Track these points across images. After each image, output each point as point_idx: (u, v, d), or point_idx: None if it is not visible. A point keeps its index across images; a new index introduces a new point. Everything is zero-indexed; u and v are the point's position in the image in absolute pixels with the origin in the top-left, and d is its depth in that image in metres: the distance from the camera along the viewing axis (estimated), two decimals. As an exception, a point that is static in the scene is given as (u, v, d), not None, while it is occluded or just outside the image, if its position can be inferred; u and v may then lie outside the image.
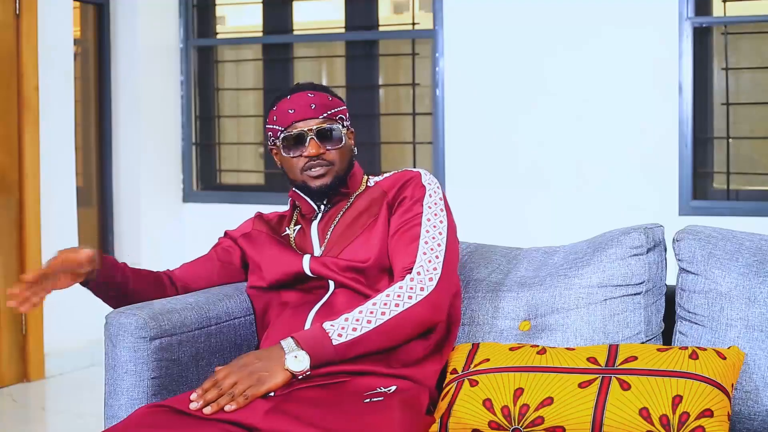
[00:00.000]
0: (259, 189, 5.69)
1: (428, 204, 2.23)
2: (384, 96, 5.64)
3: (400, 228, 2.22)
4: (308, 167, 2.26)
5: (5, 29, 4.55)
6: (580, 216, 4.70)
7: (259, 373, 1.99)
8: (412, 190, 2.26)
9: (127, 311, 2.18)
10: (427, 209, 2.22)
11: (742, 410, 2.10)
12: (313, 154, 2.24)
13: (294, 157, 2.27)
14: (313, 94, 2.28)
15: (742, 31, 4.69)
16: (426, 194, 2.24)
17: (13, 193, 4.62)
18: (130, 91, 5.38)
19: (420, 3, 5.43)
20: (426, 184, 2.26)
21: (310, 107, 2.26)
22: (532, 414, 1.99)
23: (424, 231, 2.19)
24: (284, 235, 2.35)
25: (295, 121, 2.26)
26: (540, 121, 4.83)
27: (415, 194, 2.25)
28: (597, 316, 2.27)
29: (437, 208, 2.23)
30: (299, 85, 2.34)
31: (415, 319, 2.11)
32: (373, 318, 2.07)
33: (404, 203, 2.25)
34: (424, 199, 2.23)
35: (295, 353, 2.01)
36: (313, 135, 2.25)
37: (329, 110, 2.27)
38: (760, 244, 2.23)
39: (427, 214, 2.21)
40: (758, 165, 4.87)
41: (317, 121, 2.25)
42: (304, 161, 2.26)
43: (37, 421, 4.25)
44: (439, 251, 2.17)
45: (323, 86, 2.34)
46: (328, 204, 2.32)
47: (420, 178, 2.28)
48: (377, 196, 2.29)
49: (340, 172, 2.29)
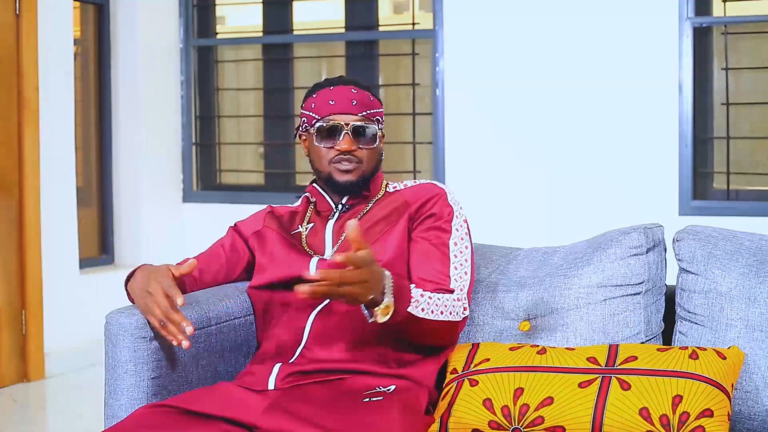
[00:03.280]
0: (259, 189, 5.69)
1: (456, 226, 2.24)
2: (384, 96, 5.64)
3: (427, 242, 2.22)
4: (337, 160, 2.26)
5: (5, 29, 4.55)
6: (580, 216, 4.70)
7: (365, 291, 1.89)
8: (440, 208, 2.26)
9: (127, 311, 2.18)
10: (455, 231, 2.24)
11: (742, 410, 2.10)
12: (345, 149, 2.24)
13: (325, 147, 2.26)
14: (356, 90, 2.28)
15: (742, 31, 4.69)
16: (454, 216, 2.25)
17: (13, 193, 4.62)
18: (130, 91, 5.38)
19: (420, 3, 5.44)
20: (452, 203, 2.27)
21: (351, 102, 2.26)
22: (532, 414, 1.99)
23: (453, 255, 2.21)
24: (295, 232, 2.33)
25: (334, 113, 2.26)
26: (540, 121, 4.83)
27: (443, 213, 2.25)
28: (597, 316, 2.27)
29: (463, 231, 2.25)
30: (342, 77, 2.35)
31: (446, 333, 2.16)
32: (435, 310, 2.08)
33: (431, 220, 2.24)
34: (452, 221, 2.25)
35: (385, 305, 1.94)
36: (349, 130, 2.25)
37: (369, 110, 2.28)
38: (760, 244, 2.23)
39: (455, 237, 2.23)
40: (758, 165, 4.87)
41: (355, 118, 2.26)
42: (335, 153, 2.25)
43: (37, 421, 4.25)
44: (466, 279, 2.21)
45: (366, 85, 2.35)
46: (346, 204, 2.31)
47: (446, 197, 2.28)
48: (398, 206, 2.28)
49: (366, 172, 2.28)
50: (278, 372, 2.11)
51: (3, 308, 4.56)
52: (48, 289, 4.73)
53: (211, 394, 2.05)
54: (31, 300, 4.66)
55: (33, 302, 4.67)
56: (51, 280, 4.75)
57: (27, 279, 4.64)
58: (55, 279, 4.78)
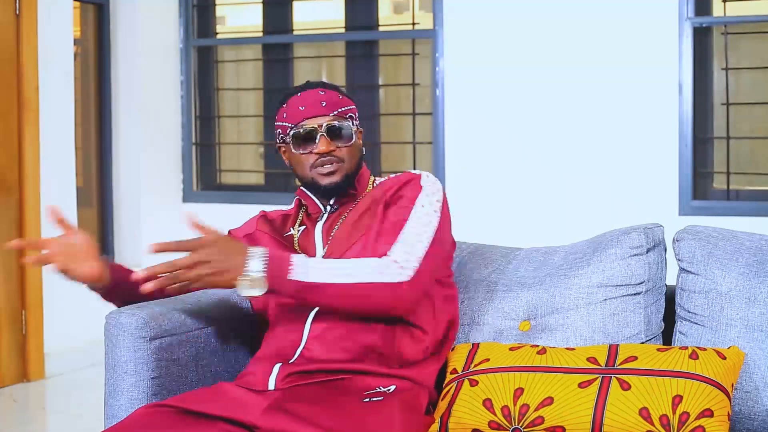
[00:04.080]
0: (259, 189, 5.69)
1: (421, 203, 2.20)
2: (384, 96, 5.64)
3: (387, 219, 2.19)
4: (318, 164, 2.24)
5: (5, 29, 4.55)
6: (580, 216, 4.70)
7: (213, 272, 1.97)
8: (408, 189, 2.23)
9: (127, 311, 2.18)
10: (419, 207, 2.19)
11: (742, 410, 2.10)
12: (323, 151, 2.23)
13: (304, 153, 2.25)
14: (323, 91, 2.28)
15: (742, 31, 4.69)
16: (421, 194, 2.21)
17: (13, 193, 4.62)
18: (130, 91, 5.38)
19: (420, 3, 5.43)
20: (424, 184, 2.24)
21: (320, 104, 2.25)
22: (532, 414, 1.99)
23: (410, 226, 2.15)
24: (287, 235, 2.34)
25: (306, 118, 2.25)
26: (540, 122, 4.83)
27: (409, 193, 2.22)
28: (597, 316, 2.27)
29: (430, 208, 2.19)
30: (309, 82, 2.33)
31: (376, 299, 2.06)
32: (341, 274, 2.04)
33: (398, 201, 2.22)
34: (417, 198, 2.20)
35: (251, 280, 1.97)
36: (324, 132, 2.24)
37: (340, 108, 2.27)
38: (760, 244, 2.23)
39: (417, 212, 2.18)
40: (758, 165, 4.87)
41: (328, 119, 2.25)
42: (314, 158, 2.24)
43: (37, 421, 4.25)
44: (419, 249, 2.12)
45: (333, 85, 2.34)
46: (335, 204, 2.31)
47: (419, 179, 2.25)
48: (378, 197, 2.28)
49: (349, 171, 2.27)
50: (278, 372, 2.11)
51: (3, 308, 4.56)
52: (48, 289, 4.73)
53: (211, 394, 2.05)
54: (31, 300, 4.66)
55: (33, 302, 4.67)
56: (51, 280, 4.75)
57: (27, 279, 4.64)
58: (55, 279, 4.75)
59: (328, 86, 2.31)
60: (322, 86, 2.30)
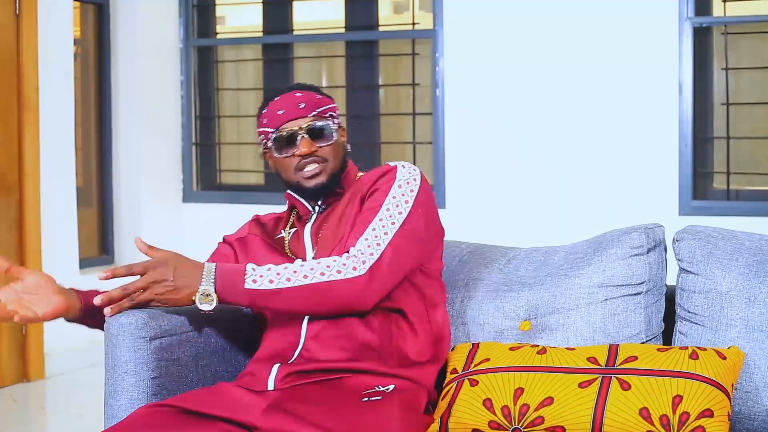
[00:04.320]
0: (259, 189, 5.69)
1: (393, 194, 2.18)
2: (384, 96, 5.64)
3: (361, 213, 2.19)
4: (302, 166, 2.24)
5: (5, 29, 4.55)
6: (580, 216, 4.70)
7: (168, 290, 2.06)
8: (383, 182, 2.22)
9: (127, 311, 2.18)
10: (390, 199, 2.18)
11: (742, 410, 2.10)
12: (306, 153, 2.22)
13: (286, 157, 2.25)
14: (300, 93, 2.28)
15: (742, 31, 4.69)
16: (394, 185, 2.20)
17: (13, 193, 4.62)
18: (130, 91, 5.38)
19: (420, 3, 5.43)
20: (398, 175, 2.22)
21: (298, 106, 2.25)
22: (532, 414, 1.99)
23: (378, 219, 2.15)
24: (278, 238, 2.33)
25: (286, 122, 2.25)
26: (540, 121, 4.83)
27: (383, 186, 2.21)
28: (597, 316, 2.27)
29: (401, 199, 2.18)
30: (287, 85, 2.34)
31: (334, 297, 2.07)
32: (293, 277, 2.06)
33: (373, 194, 2.21)
34: (390, 189, 2.19)
35: (207, 291, 2.04)
36: (304, 133, 2.23)
37: (318, 108, 2.27)
38: (760, 244, 2.23)
39: (388, 204, 2.17)
40: (758, 165, 4.87)
41: (307, 120, 2.24)
42: (297, 160, 2.24)
43: (37, 421, 4.25)
44: (383, 240, 2.11)
45: (310, 85, 2.34)
46: (323, 204, 2.30)
47: (395, 170, 2.23)
48: (358, 192, 2.26)
49: (334, 170, 2.26)
50: (277, 372, 2.11)
51: (3, 308, 4.56)
52: (48, 289, 4.72)
53: (211, 394, 2.06)
54: (31, 300, 4.65)
55: (33, 302, 4.66)
56: (51, 280, 4.75)
57: (27, 279, 4.64)
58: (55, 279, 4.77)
59: (306, 87, 2.31)
60: (299, 88, 2.30)
